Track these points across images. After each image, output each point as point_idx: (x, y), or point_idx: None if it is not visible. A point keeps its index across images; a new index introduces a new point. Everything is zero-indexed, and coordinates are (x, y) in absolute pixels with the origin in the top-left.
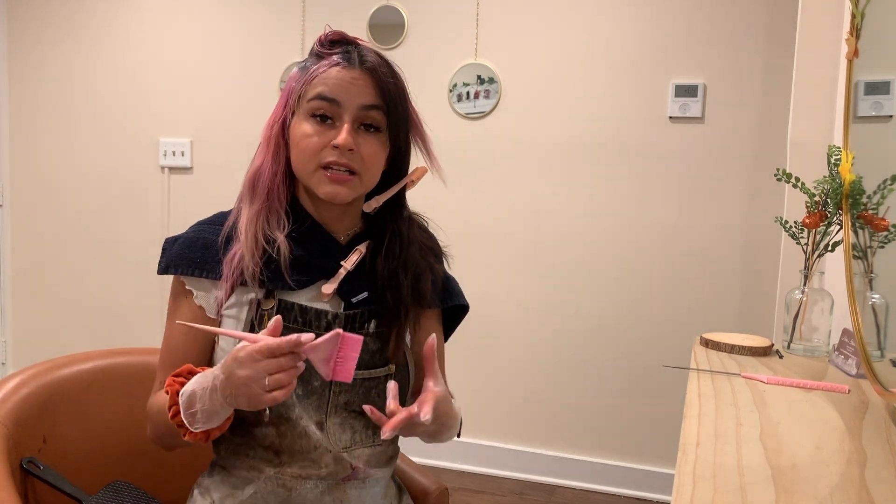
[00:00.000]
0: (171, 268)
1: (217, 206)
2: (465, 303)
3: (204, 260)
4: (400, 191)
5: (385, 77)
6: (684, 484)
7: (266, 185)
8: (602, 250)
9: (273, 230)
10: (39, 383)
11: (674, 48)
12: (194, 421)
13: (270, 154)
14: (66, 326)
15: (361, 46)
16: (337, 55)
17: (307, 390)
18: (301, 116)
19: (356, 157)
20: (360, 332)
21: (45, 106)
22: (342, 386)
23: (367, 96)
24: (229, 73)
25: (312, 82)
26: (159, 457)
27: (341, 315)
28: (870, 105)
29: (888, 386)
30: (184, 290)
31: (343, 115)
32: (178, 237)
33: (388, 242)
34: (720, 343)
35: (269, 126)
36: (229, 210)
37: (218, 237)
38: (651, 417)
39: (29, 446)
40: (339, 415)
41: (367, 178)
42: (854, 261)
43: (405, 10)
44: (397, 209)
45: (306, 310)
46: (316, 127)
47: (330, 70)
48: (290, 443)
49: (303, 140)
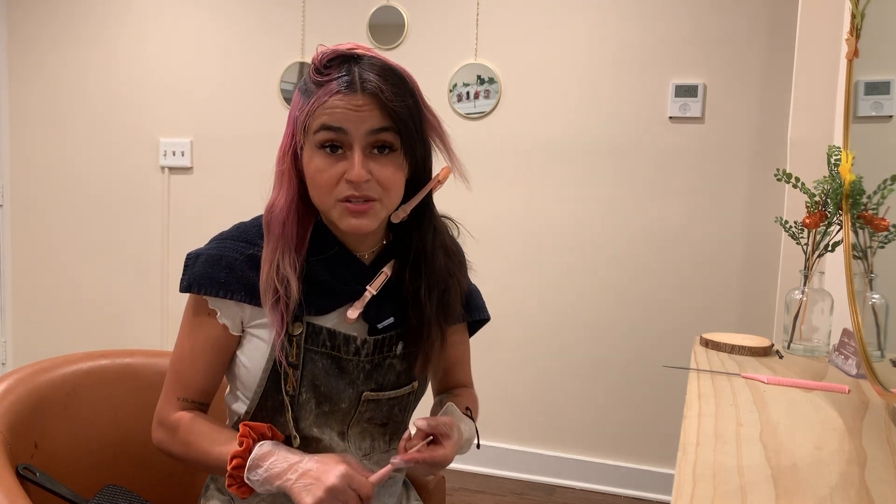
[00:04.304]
0: (195, 287)
1: (217, 207)
2: (488, 316)
3: (228, 281)
4: (426, 195)
5: (390, 97)
6: (684, 484)
7: (280, 221)
8: (602, 250)
9: (286, 269)
10: (27, 388)
11: (674, 48)
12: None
13: (284, 188)
14: (65, 326)
15: (362, 62)
16: (336, 81)
17: (333, 409)
18: (310, 149)
19: (373, 186)
20: (387, 355)
21: (45, 106)
22: (368, 406)
23: (374, 120)
24: (229, 73)
25: (315, 113)
26: (149, 459)
27: (370, 340)
28: (870, 105)
29: (888, 386)
30: (206, 308)
31: (352, 143)
32: (200, 253)
33: (413, 260)
34: (720, 343)
35: (280, 159)
36: (249, 220)
37: (240, 255)
38: (651, 417)
39: (22, 453)
40: (360, 425)
41: (388, 201)
42: (854, 261)
43: (405, 10)
44: (424, 216)
45: (335, 334)
46: (327, 159)
47: (331, 99)
48: (314, 451)
49: (316, 176)
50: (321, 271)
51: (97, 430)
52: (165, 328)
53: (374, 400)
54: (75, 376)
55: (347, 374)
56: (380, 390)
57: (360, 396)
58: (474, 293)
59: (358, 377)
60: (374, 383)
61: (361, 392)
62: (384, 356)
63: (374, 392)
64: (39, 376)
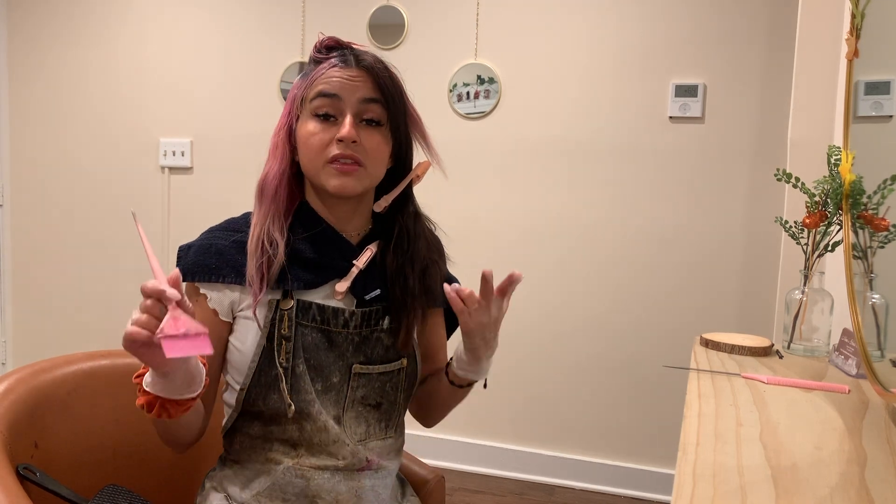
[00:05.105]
0: (188, 276)
1: (217, 206)
2: None
3: (219, 266)
4: (406, 187)
5: (382, 73)
6: (684, 484)
7: (273, 186)
8: (602, 250)
9: (275, 232)
10: (27, 388)
11: (674, 48)
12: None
13: (277, 160)
14: (65, 326)
15: (357, 49)
16: (335, 58)
17: (326, 386)
18: (305, 117)
19: (360, 149)
20: (375, 328)
21: (45, 106)
22: (360, 381)
23: (367, 90)
24: (229, 73)
25: (313, 83)
26: (149, 459)
27: (357, 313)
28: (870, 105)
29: (888, 386)
30: (196, 293)
31: (345, 109)
32: (192, 245)
33: (396, 239)
34: (720, 343)
35: (276, 133)
36: (239, 215)
37: (229, 242)
38: (651, 417)
39: (22, 452)
40: (355, 408)
41: (373, 168)
42: (854, 261)
43: (405, 10)
44: (405, 205)
45: (324, 308)
46: (320, 125)
47: (329, 70)
48: (309, 436)
49: (309, 138)
50: (306, 248)
51: (97, 430)
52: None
53: (365, 374)
54: (75, 376)
55: (337, 346)
56: (369, 363)
57: (349, 369)
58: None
59: (347, 349)
60: (363, 356)
61: (351, 364)
62: (372, 329)
63: (363, 365)
64: (39, 376)
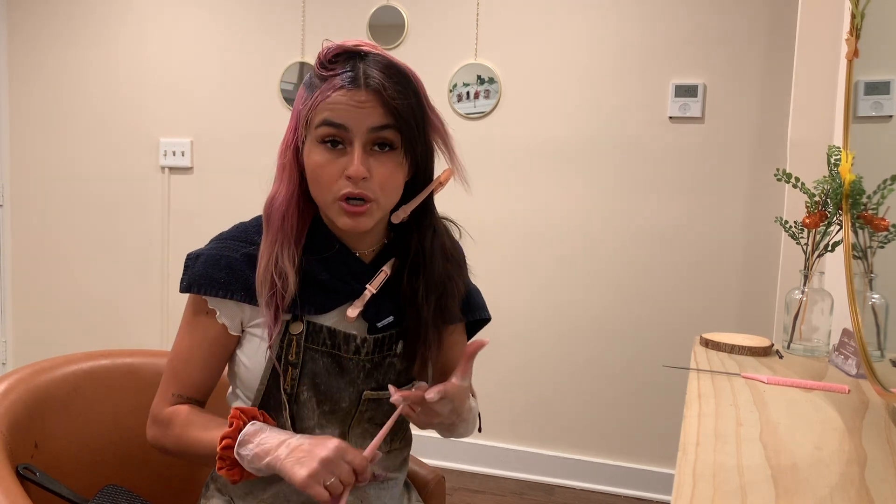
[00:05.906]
0: (195, 287)
1: (217, 206)
2: (488, 316)
3: (228, 281)
4: (427, 197)
5: (392, 95)
6: (684, 484)
7: (280, 214)
8: (602, 250)
9: (284, 262)
10: (27, 388)
11: (674, 48)
12: (239, 456)
13: (285, 182)
14: (66, 326)
15: (367, 58)
16: (340, 76)
17: (333, 408)
18: (312, 143)
19: (370, 185)
20: (387, 354)
21: (45, 106)
22: (369, 405)
23: (376, 117)
24: (229, 73)
25: (318, 108)
26: (149, 459)
27: (369, 339)
28: (870, 105)
29: (888, 386)
30: (206, 308)
31: (353, 139)
32: (200, 253)
33: (412, 260)
34: (720, 343)
35: (282, 152)
36: (250, 220)
37: (239, 255)
38: (651, 417)
39: (22, 453)
40: (362, 426)
41: (385, 201)
42: (854, 261)
43: (405, 10)
44: (424, 217)
45: (335, 333)
46: (327, 155)
47: (334, 94)
48: None
49: (316, 171)
50: (320, 270)
51: (97, 430)
52: (166, 328)
53: (375, 399)
54: (75, 376)
55: (348, 373)
56: (380, 389)
57: (360, 396)
58: (474, 293)
59: (358, 376)
60: (375, 382)
61: (362, 391)
62: (384, 355)
63: (374, 391)
64: (39, 376)
